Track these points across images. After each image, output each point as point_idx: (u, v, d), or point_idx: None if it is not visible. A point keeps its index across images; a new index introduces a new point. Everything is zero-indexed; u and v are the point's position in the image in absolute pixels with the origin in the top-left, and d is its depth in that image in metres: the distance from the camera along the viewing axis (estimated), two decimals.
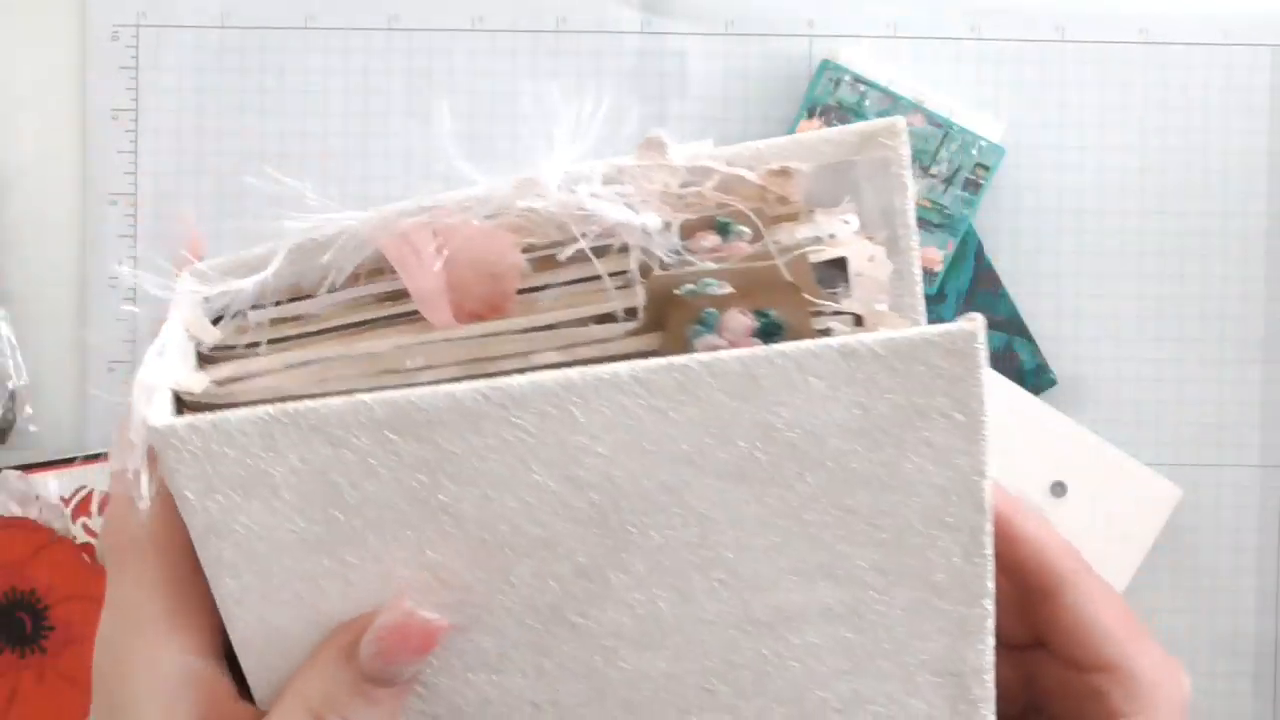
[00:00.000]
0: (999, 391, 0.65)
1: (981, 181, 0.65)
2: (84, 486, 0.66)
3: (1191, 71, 0.68)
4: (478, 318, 0.35)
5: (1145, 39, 0.68)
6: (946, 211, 0.65)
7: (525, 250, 0.35)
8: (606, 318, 0.35)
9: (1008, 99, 0.68)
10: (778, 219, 0.36)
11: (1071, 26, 0.68)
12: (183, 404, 0.35)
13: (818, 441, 0.33)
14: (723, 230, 0.35)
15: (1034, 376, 0.66)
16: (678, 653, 0.35)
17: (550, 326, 0.35)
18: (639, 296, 0.34)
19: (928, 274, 0.65)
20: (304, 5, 0.68)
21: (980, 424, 0.33)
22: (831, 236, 0.35)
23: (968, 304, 0.66)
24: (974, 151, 0.65)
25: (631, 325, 0.35)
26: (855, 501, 0.34)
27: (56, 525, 0.66)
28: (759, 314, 0.34)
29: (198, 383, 0.35)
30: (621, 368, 0.32)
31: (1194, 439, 0.68)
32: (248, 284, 0.35)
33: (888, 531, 0.34)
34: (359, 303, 0.36)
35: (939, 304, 0.66)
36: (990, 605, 0.34)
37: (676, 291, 0.34)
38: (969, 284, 0.66)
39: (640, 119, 0.67)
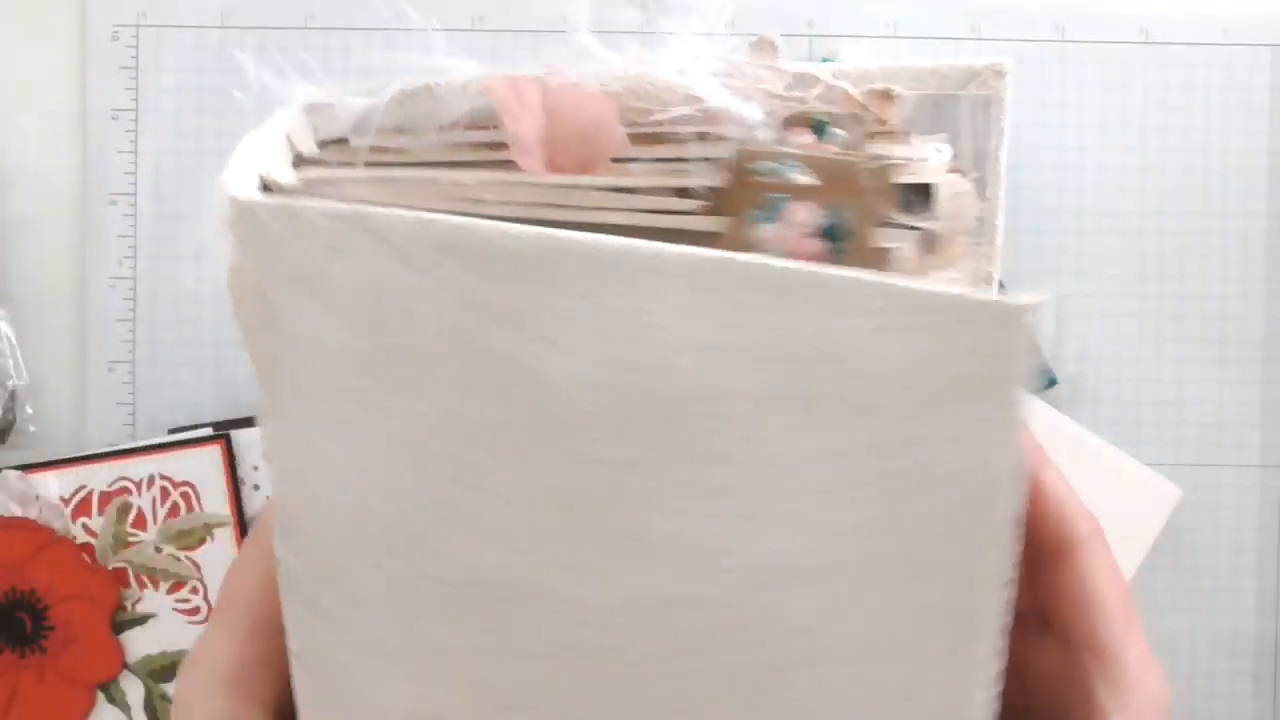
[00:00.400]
0: None
1: None
2: (84, 486, 0.66)
3: (1191, 71, 0.68)
4: (576, 171, 0.35)
5: (1145, 39, 0.67)
6: None
7: (626, 124, 0.35)
8: (687, 191, 0.35)
9: (1008, 99, 0.67)
10: (874, 135, 0.35)
11: (1071, 27, 0.68)
12: (269, 192, 0.35)
13: (852, 379, 0.31)
14: (818, 129, 0.35)
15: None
16: (680, 579, 0.34)
17: (630, 190, 0.35)
18: (719, 174, 0.34)
19: None
20: (304, 5, 0.68)
21: (1015, 409, 0.31)
22: (924, 161, 0.35)
23: None
24: None
25: (705, 203, 0.34)
26: (885, 458, 0.32)
27: (56, 525, 0.66)
28: (829, 209, 0.33)
29: (287, 176, 0.35)
30: (669, 250, 0.31)
31: (1194, 439, 0.68)
32: (357, 104, 0.35)
33: (912, 501, 0.32)
34: (457, 146, 0.36)
35: None
36: (999, 620, 0.33)
37: (753, 166, 0.33)
38: None
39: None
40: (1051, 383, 0.67)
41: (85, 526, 0.66)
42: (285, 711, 0.36)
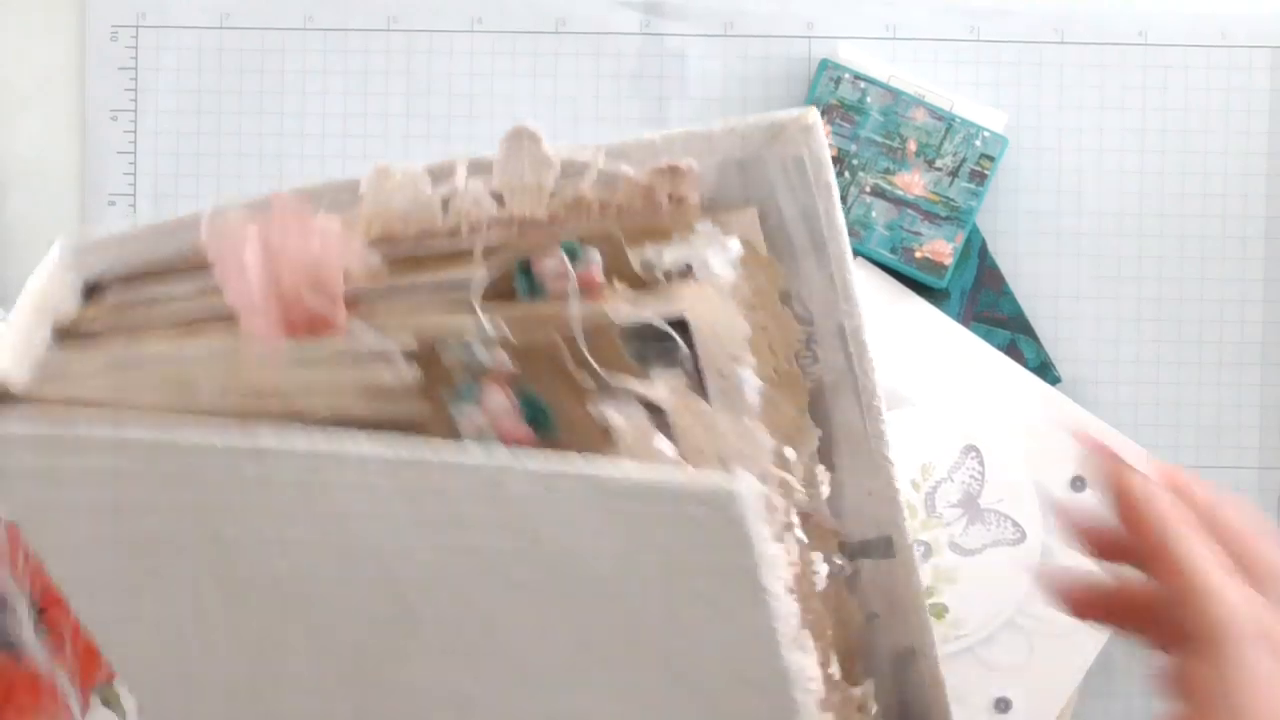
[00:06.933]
0: (1022, 383, 0.65)
1: (986, 172, 0.65)
2: None
3: (1190, 73, 0.68)
4: (307, 327, 0.32)
5: (1144, 40, 0.68)
6: (954, 204, 0.65)
7: (383, 246, 0.33)
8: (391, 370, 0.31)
9: (1008, 101, 0.68)
10: (649, 233, 0.31)
11: (1071, 29, 0.68)
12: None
13: (583, 565, 0.29)
14: (571, 254, 0.31)
15: (1038, 375, 0.66)
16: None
17: (338, 364, 0.31)
18: (405, 364, 0.30)
19: (937, 268, 0.65)
20: (304, 5, 0.68)
21: (757, 582, 0.28)
22: (704, 265, 0.31)
23: (972, 301, 0.66)
24: (977, 143, 0.65)
25: (409, 383, 0.30)
26: (641, 635, 0.30)
27: None
28: (519, 392, 0.29)
29: (19, 372, 0.33)
30: (366, 448, 0.29)
31: (1194, 439, 0.68)
32: (116, 240, 0.35)
33: (686, 677, 0.30)
34: (205, 289, 0.34)
35: (944, 301, 0.66)
36: None
37: (438, 349, 0.30)
38: (973, 282, 0.66)
39: (640, 120, 0.68)
40: (1056, 381, 0.67)
41: None
42: None
